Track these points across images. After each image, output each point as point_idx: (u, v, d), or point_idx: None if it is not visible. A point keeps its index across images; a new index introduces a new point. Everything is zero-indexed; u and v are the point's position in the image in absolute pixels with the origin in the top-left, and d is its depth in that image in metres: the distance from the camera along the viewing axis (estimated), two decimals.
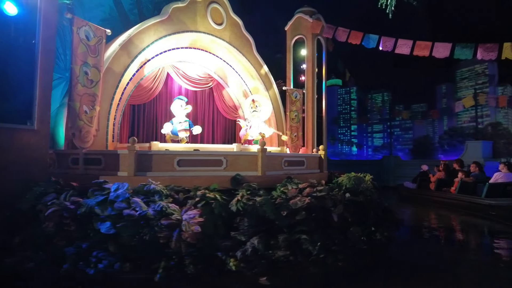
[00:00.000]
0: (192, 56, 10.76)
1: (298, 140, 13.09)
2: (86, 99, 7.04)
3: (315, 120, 13.53)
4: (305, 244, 5.47)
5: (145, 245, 4.88)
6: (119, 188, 5.14)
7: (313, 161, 9.16)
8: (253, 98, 10.37)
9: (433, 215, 10.60)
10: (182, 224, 4.89)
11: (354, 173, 10.35)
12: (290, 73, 13.98)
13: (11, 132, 5.86)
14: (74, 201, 5.16)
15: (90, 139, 7.21)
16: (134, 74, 9.00)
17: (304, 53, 13.66)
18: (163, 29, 9.15)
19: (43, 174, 6.16)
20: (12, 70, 5.89)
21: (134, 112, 10.25)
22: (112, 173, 6.63)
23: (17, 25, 6.03)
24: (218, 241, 5.24)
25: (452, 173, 12.10)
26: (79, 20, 6.93)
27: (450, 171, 12.44)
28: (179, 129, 8.87)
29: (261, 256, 5.09)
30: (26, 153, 6.00)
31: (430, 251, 6.42)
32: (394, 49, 11.32)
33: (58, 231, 5.01)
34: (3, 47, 5.84)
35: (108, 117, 8.08)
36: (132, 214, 4.77)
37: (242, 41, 11.45)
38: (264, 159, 7.35)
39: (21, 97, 5.98)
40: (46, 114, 6.31)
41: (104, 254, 4.82)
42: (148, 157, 6.70)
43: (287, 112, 12.91)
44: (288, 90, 13.00)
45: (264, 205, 5.68)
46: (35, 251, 4.89)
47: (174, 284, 4.49)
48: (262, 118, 10.46)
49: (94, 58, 7.23)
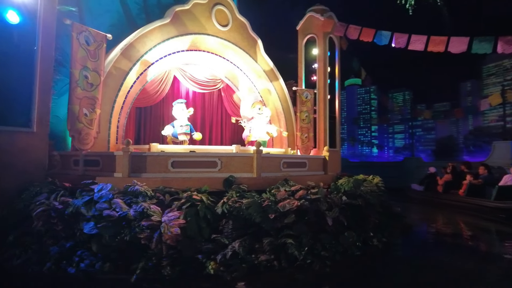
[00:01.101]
0: (198, 58, 10.82)
1: (309, 141, 12.83)
2: (85, 102, 7.25)
3: (327, 121, 13.23)
4: (291, 249, 5.29)
5: (126, 246, 4.93)
6: (103, 188, 5.22)
7: (315, 162, 8.91)
8: (260, 99, 10.27)
9: (440, 218, 10.13)
10: (161, 226, 4.87)
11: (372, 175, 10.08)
12: (301, 73, 13.77)
13: (11, 134, 6.14)
14: (63, 201, 5.30)
15: (90, 141, 7.41)
16: (138, 77, 9.18)
17: (316, 53, 13.41)
18: (166, 32, 9.27)
19: (41, 175, 6.41)
20: (13, 75, 6.18)
21: (140, 115, 10.46)
22: (108, 174, 6.75)
23: (18, 33, 6.33)
24: (200, 244, 5.18)
25: (460, 175, 11.70)
26: (78, 26, 7.16)
27: (458, 173, 12.01)
28: (179, 132, 8.95)
29: (242, 260, 4.97)
30: (25, 154, 6.27)
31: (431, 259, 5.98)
32: (407, 46, 10.80)
33: (47, 230, 5.18)
34: (5, 53, 6.15)
35: (110, 119, 8.28)
36: (112, 215, 4.83)
37: (249, 42, 11.38)
38: (259, 161, 7.23)
39: (21, 100, 6.27)
40: (45, 117, 6.57)
41: (87, 253, 4.92)
42: (142, 159, 6.77)
43: (297, 112, 12.69)
44: (298, 90, 12.78)
45: (250, 207, 5.55)
46: (23, 249, 5.08)
47: (149, 286, 4.47)
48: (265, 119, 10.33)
49: (94, 62, 7.44)
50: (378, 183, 8.93)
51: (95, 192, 5.20)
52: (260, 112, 9.88)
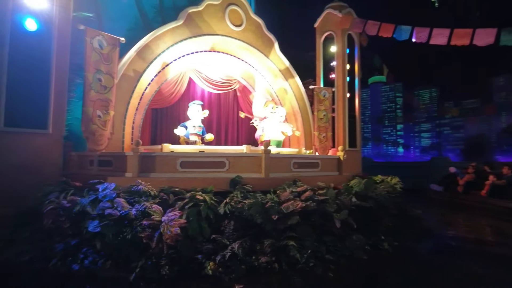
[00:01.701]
0: (213, 59, 10.88)
1: (327, 141, 12.53)
2: (99, 104, 7.50)
3: (346, 120, 12.84)
4: (292, 251, 5.16)
5: (128, 244, 5.02)
6: (107, 188, 5.36)
7: (329, 163, 8.67)
8: (272, 99, 10.15)
9: (460, 220, 9.60)
10: (161, 225, 4.92)
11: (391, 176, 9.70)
12: (320, 72, 13.47)
13: (28, 136, 6.46)
14: (71, 200, 5.50)
15: (104, 142, 7.65)
16: (152, 79, 9.37)
17: (334, 50, 13.08)
18: (179, 34, 9.40)
19: (56, 175, 6.68)
20: (31, 79, 6.51)
21: (156, 116, 10.68)
22: (120, 174, 6.93)
23: (35, 39, 6.65)
24: (201, 244, 5.18)
25: (483, 175, 11.13)
26: (91, 31, 7.41)
27: (480, 173, 11.41)
28: (191, 133, 9.03)
29: (241, 261, 4.91)
30: (41, 155, 6.58)
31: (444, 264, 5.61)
32: (429, 40, 10.26)
33: (56, 228, 5.39)
34: (24, 59, 6.47)
35: (124, 120, 8.51)
36: (113, 214, 4.94)
37: (263, 41, 11.31)
38: (267, 161, 7.14)
39: (37, 103, 6.57)
40: (60, 119, 6.86)
41: (91, 251, 5.07)
42: (151, 159, 6.90)
43: (314, 111, 12.43)
44: (316, 89, 12.51)
45: (251, 208, 5.48)
46: (34, 245, 5.32)
47: (146, 285, 4.52)
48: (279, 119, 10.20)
49: (107, 66, 7.67)
50: (395, 184, 8.58)
51: (100, 192, 5.35)
52: (273, 111, 9.76)
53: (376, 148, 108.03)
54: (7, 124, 6.23)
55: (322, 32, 13.35)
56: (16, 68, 6.32)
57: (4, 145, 6.23)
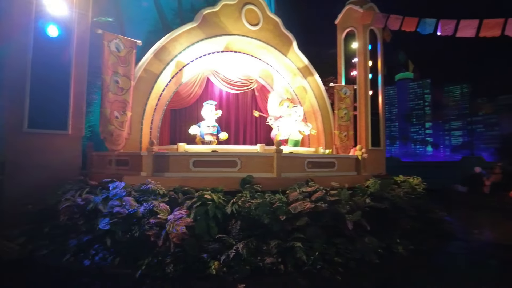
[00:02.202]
0: (230, 59, 10.92)
1: (348, 140, 12.21)
2: (116, 106, 7.75)
3: (369, 118, 12.45)
4: (299, 253, 5.05)
5: (136, 242, 5.14)
6: (117, 187, 5.51)
7: (346, 162, 8.41)
8: (288, 97, 10.02)
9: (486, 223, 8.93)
10: (167, 224, 4.98)
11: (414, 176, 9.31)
12: (341, 69, 13.15)
13: (49, 137, 6.81)
14: (85, 198, 5.71)
15: (121, 142, 7.90)
16: (169, 80, 9.56)
17: (356, 47, 12.71)
18: (195, 35, 9.51)
19: (75, 173, 6.99)
20: (52, 83, 6.86)
21: (175, 116, 10.87)
22: (136, 173, 7.11)
23: (56, 45, 6.99)
24: (207, 243, 5.19)
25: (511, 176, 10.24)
26: (108, 35, 7.66)
27: (509, 173, 10.55)
28: (206, 133, 9.10)
29: (246, 262, 4.87)
30: (61, 155, 6.90)
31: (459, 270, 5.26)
32: (455, 33, 9.67)
33: (71, 225, 5.63)
34: (46, 64, 6.82)
35: (142, 121, 8.74)
36: (121, 212, 5.07)
37: (281, 39, 11.20)
38: (279, 160, 7.04)
39: (58, 106, 6.91)
40: (79, 120, 7.16)
41: (102, 248, 5.23)
42: (164, 159, 7.02)
43: (335, 110, 12.15)
44: (336, 87, 12.22)
45: (258, 208, 5.43)
46: (51, 240, 5.58)
47: (150, 283, 4.59)
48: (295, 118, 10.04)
49: (124, 68, 7.91)
50: (417, 184, 8.20)
51: (110, 190, 5.51)
52: (288, 110, 9.62)
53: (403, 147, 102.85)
54: (31, 125, 6.60)
55: (343, 28, 13.02)
56: (38, 73, 6.67)
57: (28, 146, 6.59)
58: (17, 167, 6.49)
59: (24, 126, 6.51)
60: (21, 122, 6.49)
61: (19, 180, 6.45)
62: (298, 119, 10.35)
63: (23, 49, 6.57)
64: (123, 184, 5.67)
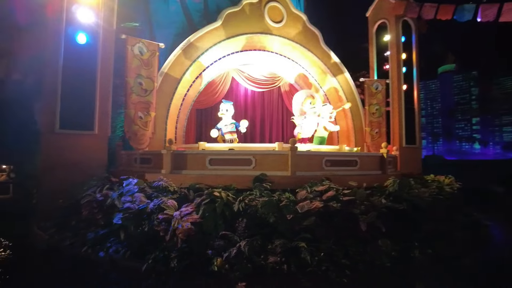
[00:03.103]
0: (254, 58, 10.94)
1: (380, 137, 11.66)
2: (140, 107, 8.14)
3: (403, 114, 11.75)
4: (303, 253, 4.93)
5: (146, 236, 5.36)
6: (130, 183, 5.78)
7: (370, 161, 8.03)
8: (311, 94, 9.78)
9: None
10: (172, 220, 5.13)
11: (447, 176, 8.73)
12: (373, 63, 12.59)
13: (78, 136, 7.33)
14: (104, 194, 6.07)
15: (145, 141, 8.28)
16: (193, 81, 9.81)
17: (388, 39, 12.05)
18: (217, 36, 9.66)
19: (102, 171, 7.45)
20: (79, 87, 7.37)
21: (201, 115, 11.13)
22: (157, 171, 7.42)
23: (83, 51, 7.49)
24: (213, 240, 5.26)
25: None
26: (132, 39, 8.06)
27: None
28: (225, 132, 9.19)
29: (248, 260, 4.86)
30: (89, 153, 7.40)
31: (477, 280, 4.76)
32: (497, 18, 8.77)
33: (91, 219, 6.02)
34: (75, 69, 7.35)
35: (166, 121, 9.07)
36: (132, 207, 5.32)
37: (306, 35, 10.98)
38: (294, 158, 6.91)
39: (85, 108, 7.42)
40: (104, 121, 7.62)
41: (116, 241, 5.53)
42: (182, 157, 7.24)
43: (366, 106, 11.68)
44: (367, 82, 11.72)
45: (264, 206, 5.38)
46: (75, 233, 6.01)
47: (155, 276, 4.76)
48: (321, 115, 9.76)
49: (147, 70, 8.28)
50: (448, 184, 7.62)
51: (124, 187, 5.80)
52: (312, 107, 9.40)
53: (447, 145, 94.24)
54: (62, 126, 7.15)
55: (374, 21, 12.44)
56: (68, 78, 7.21)
57: (59, 145, 7.17)
58: (51, 165, 7.07)
59: (56, 127, 7.07)
60: (54, 123, 7.06)
61: (52, 177, 7.03)
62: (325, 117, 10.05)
63: (55, 56, 7.14)
64: (136, 180, 5.94)
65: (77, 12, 7.34)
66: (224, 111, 9.15)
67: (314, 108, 9.49)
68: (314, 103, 9.54)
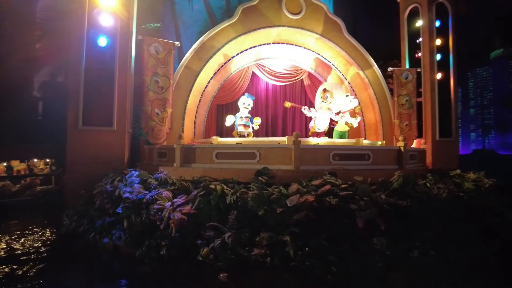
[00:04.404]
0: (274, 51, 10.87)
1: (410, 130, 10.96)
2: (157, 103, 8.55)
3: (436, 104, 10.91)
4: (288, 247, 4.86)
5: (145, 225, 5.68)
6: (132, 175, 6.14)
7: (385, 155, 7.57)
8: (324, 88, 9.46)
9: None
10: (164, 210, 5.37)
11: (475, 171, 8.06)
12: (405, 51, 11.84)
13: (98, 133, 7.92)
14: (114, 185, 6.53)
15: (162, 136, 8.69)
16: (211, 77, 10.03)
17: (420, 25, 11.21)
18: (233, 31, 9.76)
19: (120, 164, 7.98)
20: (99, 86, 7.93)
21: (222, 111, 11.33)
22: (170, 164, 7.77)
23: (102, 54, 8.03)
24: (204, 230, 5.41)
25: None
26: (148, 39, 8.48)
27: None
28: (239, 124, 9.25)
29: (232, 251, 4.92)
30: (108, 148, 7.96)
31: None
32: None
33: (103, 208, 6.52)
34: (96, 71, 7.94)
35: (183, 116, 9.41)
36: (130, 198, 5.66)
37: (327, 25, 10.63)
38: (297, 152, 6.78)
39: (105, 106, 7.97)
40: (122, 118, 8.13)
41: (120, 228, 5.94)
42: (191, 151, 7.49)
43: (394, 97, 11.02)
44: (395, 71, 11.04)
45: (254, 199, 5.39)
46: (89, 220, 6.56)
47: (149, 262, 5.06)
48: (333, 110, 9.41)
49: (163, 68, 8.66)
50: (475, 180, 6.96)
51: (127, 178, 6.18)
52: (323, 101, 9.13)
53: (500, 138, 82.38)
54: (84, 123, 7.78)
55: (405, 6, 11.67)
56: (89, 78, 7.80)
57: (82, 141, 7.81)
58: (75, 159, 7.75)
59: (79, 124, 7.72)
60: (77, 120, 7.71)
61: (76, 170, 7.71)
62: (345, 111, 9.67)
63: (78, 58, 7.77)
64: (137, 172, 6.29)
65: (97, 16, 7.89)
66: (246, 105, 9.21)
67: (324, 103, 9.21)
68: (324, 98, 9.23)
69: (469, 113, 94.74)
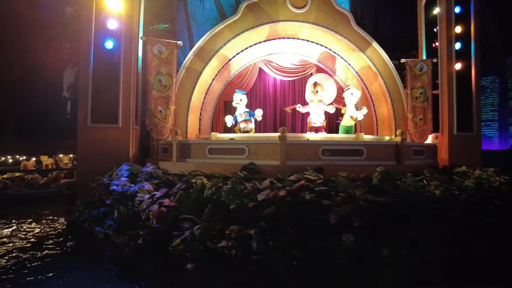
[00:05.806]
0: (281, 46, 10.81)
1: (425, 124, 10.38)
2: (160, 101, 8.96)
3: (453, 97, 10.17)
4: (252, 241, 4.94)
5: (130, 215, 6.07)
6: (122, 169, 6.55)
7: (380, 150, 7.29)
8: (315, 81, 9.24)
9: None
10: (142, 202, 5.69)
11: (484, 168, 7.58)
12: (421, 42, 11.20)
13: (106, 129, 8.50)
14: (110, 178, 7.01)
15: (166, 132, 9.10)
16: (216, 74, 10.25)
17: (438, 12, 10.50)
18: (237, 28, 9.86)
19: (125, 159, 8.49)
20: (106, 86, 8.50)
21: (230, 107, 11.49)
22: (169, 159, 8.15)
23: (108, 55, 8.58)
24: (181, 222, 5.65)
25: None
26: (151, 40, 8.89)
27: None
28: (240, 121, 9.34)
29: (201, 243, 5.10)
30: (115, 144, 8.51)
31: None
32: None
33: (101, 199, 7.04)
34: (104, 72, 8.51)
35: (187, 113, 9.74)
36: (116, 190, 6.06)
37: (335, 18, 10.35)
38: (283, 148, 6.78)
39: (111, 104, 8.52)
40: (127, 115, 8.63)
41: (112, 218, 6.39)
42: (187, 146, 7.79)
43: (407, 90, 10.48)
44: (409, 62, 10.49)
45: (227, 193, 5.52)
46: (90, 210, 7.11)
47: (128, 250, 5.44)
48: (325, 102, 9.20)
49: (166, 68, 9.03)
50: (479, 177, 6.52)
51: (117, 172, 6.60)
52: (314, 96, 8.96)
53: None
54: (93, 121, 8.40)
55: None
56: (97, 79, 8.39)
57: (91, 137, 8.43)
58: (85, 154, 8.40)
59: (88, 121, 8.34)
60: (86, 118, 8.34)
61: (86, 164, 8.36)
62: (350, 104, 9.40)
63: (87, 60, 8.38)
64: (127, 167, 6.69)
65: (104, 20, 8.43)
66: (238, 101, 9.34)
67: (315, 96, 9.03)
68: (315, 93, 9.04)
69: (507, 105, 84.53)
